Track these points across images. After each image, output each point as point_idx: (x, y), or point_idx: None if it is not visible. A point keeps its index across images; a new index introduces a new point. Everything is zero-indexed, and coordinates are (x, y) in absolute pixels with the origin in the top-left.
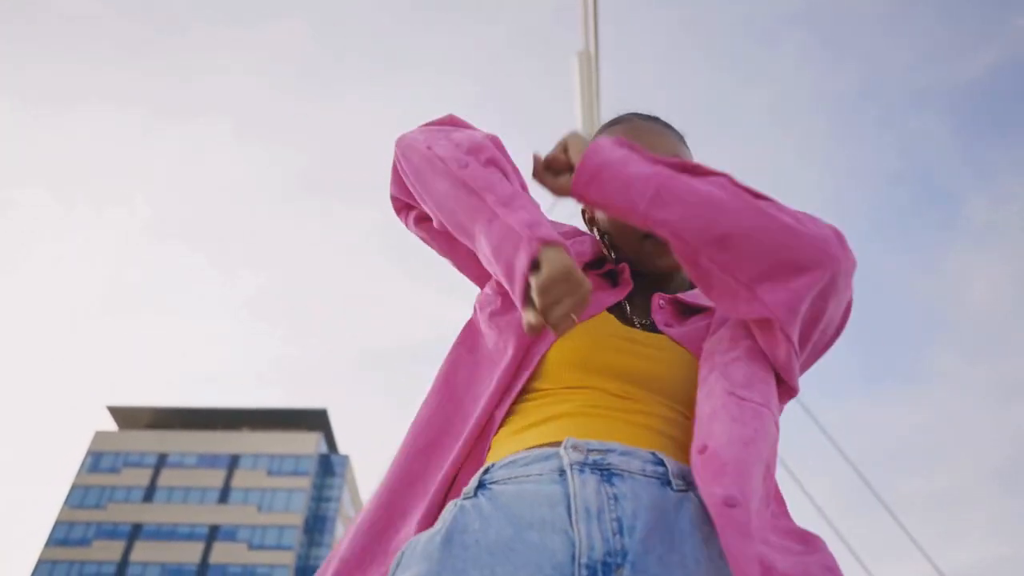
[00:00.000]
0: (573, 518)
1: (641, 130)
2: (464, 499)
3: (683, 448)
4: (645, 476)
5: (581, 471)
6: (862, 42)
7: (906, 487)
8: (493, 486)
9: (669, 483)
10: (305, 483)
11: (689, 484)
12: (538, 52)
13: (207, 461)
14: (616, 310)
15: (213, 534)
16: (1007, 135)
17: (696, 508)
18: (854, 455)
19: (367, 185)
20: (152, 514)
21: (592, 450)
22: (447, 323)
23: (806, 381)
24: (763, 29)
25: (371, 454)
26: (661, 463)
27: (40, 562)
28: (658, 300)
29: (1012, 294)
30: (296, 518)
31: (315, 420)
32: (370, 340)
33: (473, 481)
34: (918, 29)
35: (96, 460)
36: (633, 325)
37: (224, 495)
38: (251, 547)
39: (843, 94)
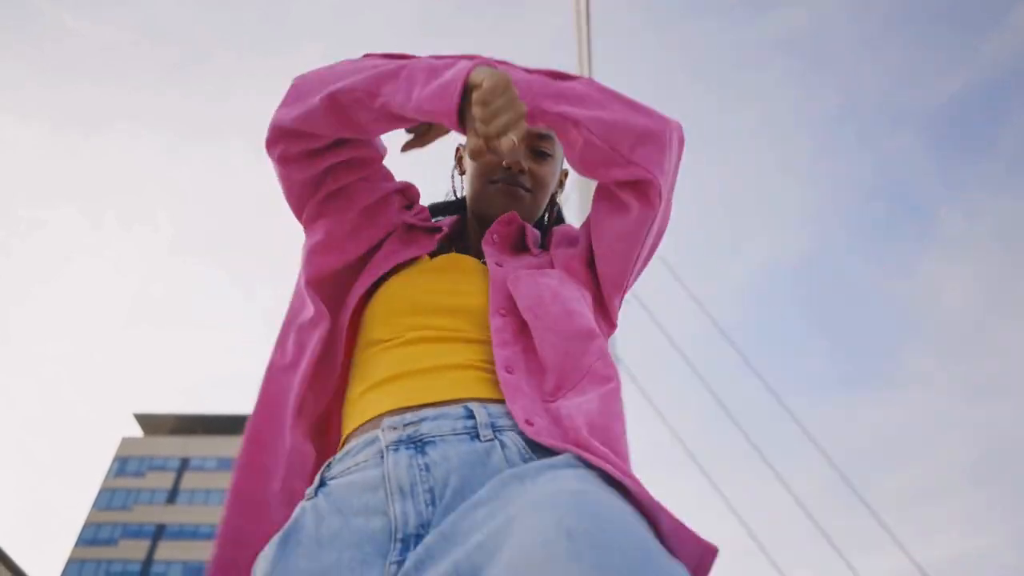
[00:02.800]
0: (389, 499)
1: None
2: (306, 500)
3: (485, 370)
4: (456, 435)
5: (396, 450)
6: (842, 66)
7: (884, 483)
8: (331, 482)
9: (478, 436)
10: None
11: (496, 429)
12: None
13: (227, 465)
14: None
15: None
16: (978, 153)
17: (502, 450)
18: (833, 453)
19: None
20: (175, 515)
21: (408, 424)
22: None
23: (788, 382)
24: (749, 54)
25: None
26: (471, 415)
27: (70, 561)
28: (491, 234)
29: (982, 300)
30: None
31: None
32: None
33: (316, 481)
34: (894, 54)
35: (122, 464)
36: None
37: None
38: None
39: (824, 115)
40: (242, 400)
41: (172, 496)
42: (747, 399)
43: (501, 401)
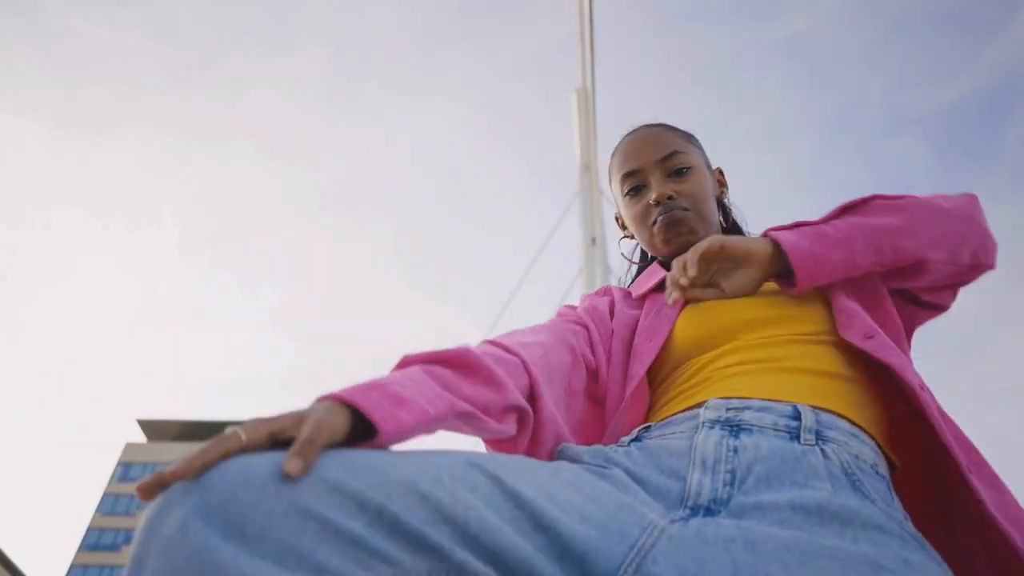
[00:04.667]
0: (691, 468)
1: (634, 143)
2: (619, 446)
3: (826, 376)
4: (776, 430)
5: (711, 427)
6: (842, 72)
7: None
8: (646, 440)
9: (798, 438)
10: None
11: (819, 437)
12: (540, 81)
13: None
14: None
15: None
16: (980, 160)
17: (823, 457)
18: None
19: (383, 203)
20: None
21: (731, 408)
22: (458, 336)
23: None
24: (749, 60)
25: None
26: (797, 416)
27: (73, 566)
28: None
29: (987, 307)
30: None
31: None
32: (384, 352)
33: (631, 434)
34: (895, 60)
35: (126, 470)
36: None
37: None
38: None
39: (824, 120)
40: (246, 403)
41: None
42: None
43: (838, 414)
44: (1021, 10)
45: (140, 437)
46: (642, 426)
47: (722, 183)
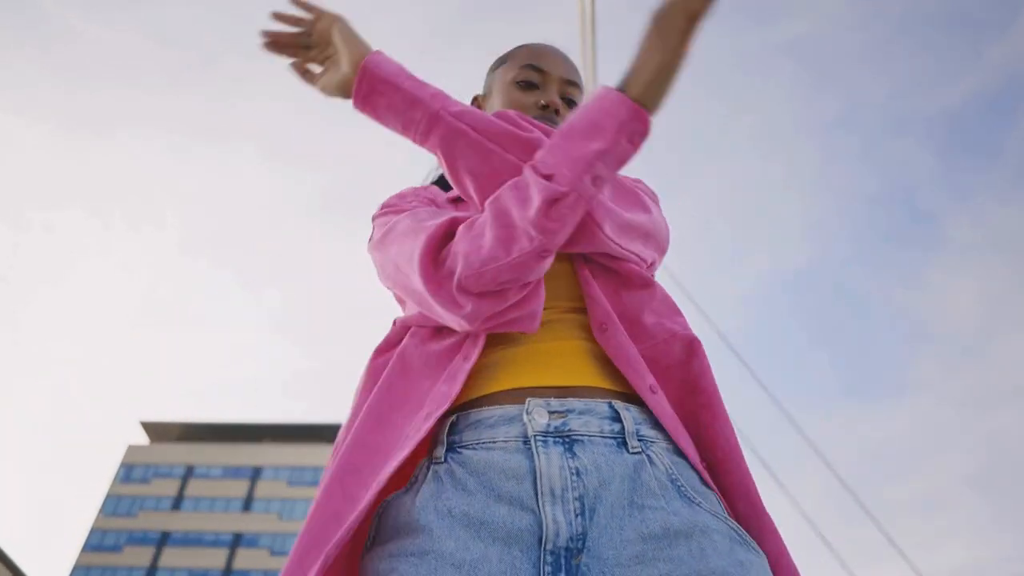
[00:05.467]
0: (540, 499)
1: (553, 53)
2: (435, 464)
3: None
4: (603, 438)
5: (545, 443)
6: (845, 72)
7: (889, 494)
8: (462, 450)
9: (625, 444)
10: None
11: (640, 439)
12: None
13: (231, 472)
14: None
15: (237, 541)
16: (984, 160)
17: (651, 467)
18: (839, 463)
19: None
20: (180, 522)
21: (553, 412)
22: None
23: (789, 392)
24: (752, 61)
25: None
26: (616, 417)
27: (76, 567)
28: None
29: (988, 309)
30: None
31: (332, 434)
32: None
33: (441, 441)
34: (898, 62)
35: (128, 471)
36: None
37: (247, 504)
38: (272, 553)
39: (827, 123)
40: (249, 406)
41: (177, 503)
42: (750, 410)
43: (637, 403)
44: None
45: (143, 439)
46: (449, 422)
47: None
